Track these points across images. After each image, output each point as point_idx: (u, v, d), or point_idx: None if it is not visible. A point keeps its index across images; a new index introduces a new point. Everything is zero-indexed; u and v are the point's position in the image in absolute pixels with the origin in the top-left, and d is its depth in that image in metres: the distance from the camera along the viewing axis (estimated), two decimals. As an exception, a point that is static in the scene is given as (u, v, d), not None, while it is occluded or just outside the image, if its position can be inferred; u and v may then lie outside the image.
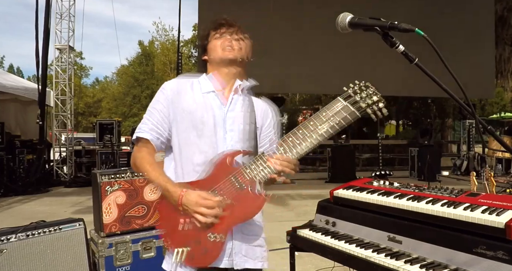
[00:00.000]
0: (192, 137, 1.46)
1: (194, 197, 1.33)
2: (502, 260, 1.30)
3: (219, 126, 1.48)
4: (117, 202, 2.86)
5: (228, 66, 1.55)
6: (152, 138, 1.49)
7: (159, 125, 1.50)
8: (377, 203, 1.83)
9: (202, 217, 1.32)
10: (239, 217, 1.38)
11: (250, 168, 1.38)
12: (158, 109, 1.51)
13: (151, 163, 1.47)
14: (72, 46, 10.63)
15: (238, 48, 1.54)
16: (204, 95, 1.52)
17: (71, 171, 10.15)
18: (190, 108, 1.48)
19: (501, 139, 1.22)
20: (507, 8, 14.77)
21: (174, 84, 1.55)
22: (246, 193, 1.37)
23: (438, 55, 1.10)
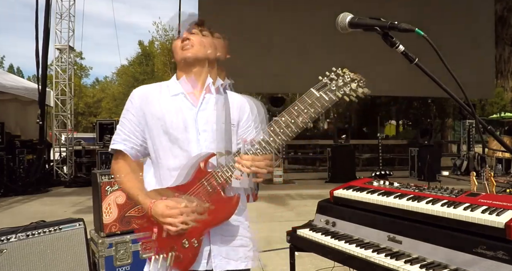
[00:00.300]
0: (165, 142, 1.45)
1: (160, 209, 1.34)
2: (502, 260, 1.30)
3: (190, 128, 1.45)
4: (117, 202, 2.86)
5: (194, 65, 1.51)
6: (126, 148, 1.49)
7: (131, 134, 1.50)
8: (377, 203, 1.83)
9: (170, 227, 1.33)
10: (212, 221, 1.38)
11: (222, 170, 1.36)
12: (128, 119, 1.50)
13: (126, 173, 1.49)
14: (72, 46, 10.63)
15: (198, 45, 1.49)
16: (173, 98, 1.50)
17: (71, 171, 10.16)
18: (159, 114, 1.46)
19: (501, 139, 1.22)
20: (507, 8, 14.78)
21: (142, 90, 1.54)
22: (218, 196, 1.37)
23: (438, 55, 1.10)
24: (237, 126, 1.55)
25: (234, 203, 1.38)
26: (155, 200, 1.38)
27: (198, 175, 1.39)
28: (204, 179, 1.38)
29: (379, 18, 1.18)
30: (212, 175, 1.38)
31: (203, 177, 1.38)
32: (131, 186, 1.47)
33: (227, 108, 1.52)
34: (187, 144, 1.44)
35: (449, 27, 10.05)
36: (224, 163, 1.38)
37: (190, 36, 1.51)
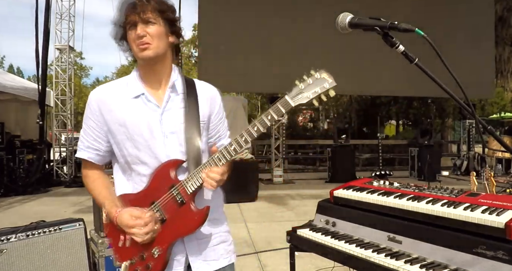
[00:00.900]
0: (130, 149, 1.37)
1: (125, 218, 1.31)
2: (502, 260, 1.30)
3: (156, 132, 1.35)
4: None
5: (155, 63, 1.37)
6: (91, 156, 1.44)
7: (94, 141, 1.42)
8: (377, 203, 1.83)
9: (134, 237, 1.31)
10: (180, 231, 1.34)
11: (192, 180, 1.31)
12: (88, 125, 1.42)
13: (93, 180, 1.46)
14: (72, 46, 10.64)
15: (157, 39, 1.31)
16: (134, 100, 1.37)
17: (71, 171, 10.16)
18: (120, 120, 1.36)
19: (501, 139, 1.22)
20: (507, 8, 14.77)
21: (99, 94, 1.41)
22: (187, 208, 1.32)
23: (438, 55, 1.10)
24: (208, 121, 1.45)
25: (203, 215, 1.32)
26: (120, 209, 1.34)
27: (167, 184, 1.34)
28: (174, 189, 1.33)
29: (379, 18, 1.18)
30: (182, 185, 1.32)
31: (173, 186, 1.33)
32: (97, 194, 1.43)
33: (195, 105, 1.40)
34: (153, 149, 1.35)
35: (449, 27, 10.04)
36: (194, 172, 1.31)
37: (146, 29, 1.30)
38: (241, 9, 9.51)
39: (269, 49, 9.53)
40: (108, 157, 1.48)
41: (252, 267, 3.68)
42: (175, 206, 1.33)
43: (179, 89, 1.42)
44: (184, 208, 1.32)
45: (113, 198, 1.40)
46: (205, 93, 1.46)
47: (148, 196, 1.36)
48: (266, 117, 1.23)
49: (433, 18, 9.84)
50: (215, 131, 1.50)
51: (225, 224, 1.52)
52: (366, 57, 9.34)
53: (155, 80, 1.40)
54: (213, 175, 1.28)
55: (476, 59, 10.58)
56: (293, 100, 1.23)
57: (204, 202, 1.37)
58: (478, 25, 10.87)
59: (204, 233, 1.41)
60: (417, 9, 9.99)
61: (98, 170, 1.48)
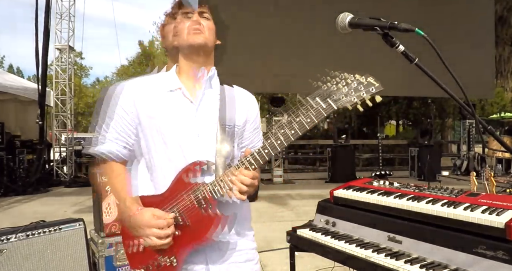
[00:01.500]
0: (159, 144, 1.30)
1: (146, 217, 1.21)
2: (502, 260, 1.30)
3: (188, 129, 1.29)
4: (117, 202, 2.85)
5: (199, 54, 1.33)
6: (119, 148, 1.34)
7: (123, 133, 1.33)
8: (377, 203, 1.83)
9: (154, 239, 1.20)
10: (195, 239, 1.23)
11: (219, 184, 1.22)
12: (119, 116, 1.33)
13: (117, 175, 1.34)
14: (72, 46, 10.64)
15: (208, 31, 1.33)
16: (170, 93, 1.32)
17: (71, 171, 10.16)
18: (153, 112, 1.30)
19: (501, 139, 1.22)
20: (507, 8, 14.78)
21: (134, 84, 1.36)
22: (207, 213, 1.23)
23: (438, 55, 1.10)
24: (242, 127, 1.39)
25: (228, 221, 1.24)
26: (141, 208, 1.25)
27: (189, 186, 1.25)
28: (198, 192, 1.24)
29: (379, 18, 1.18)
30: (208, 189, 1.23)
31: (194, 188, 1.25)
32: (120, 189, 1.32)
33: (232, 106, 1.35)
34: (184, 147, 1.28)
35: (449, 27, 10.04)
36: (220, 176, 1.23)
37: (200, 19, 1.32)
38: (241, 9, 9.51)
39: (269, 49, 9.53)
40: (133, 154, 1.38)
41: (252, 267, 3.66)
42: (194, 211, 1.24)
43: (215, 88, 1.37)
44: (203, 213, 1.23)
45: (134, 197, 1.31)
46: (243, 99, 1.41)
47: (170, 198, 1.27)
48: (306, 120, 1.17)
49: (433, 18, 9.83)
50: (249, 140, 1.43)
51: (251, 240, 1.40)
52: (366, 57, 9.34)
53: (193, 76, 1.36)
54: (244, 178, 1.19)
55: (476, 59, 10.58)
56: (336, 103, 1.16)
57: (229, 210, 1.27)
58: (478, 25, 10.88)
59: (229, 244, 1.31)
60: (417, 9, 10.00)
61: (122, 165, 1.37)
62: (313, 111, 1.17)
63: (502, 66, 15.81)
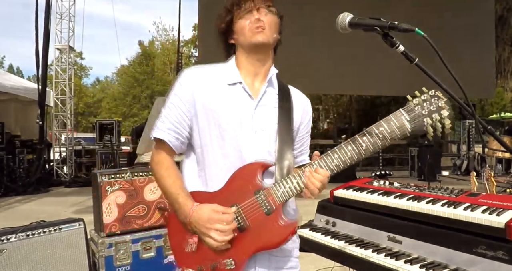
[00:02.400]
0: (215, 137, 1.25)
1: (206, 213, 1.14)
2: (502, 260, 1.30)
3: (246, 125, 1.25)
4: (117, 202, 2.86)
5: (261, 52, 1.30)
6: (170, 139, 1.27)
7: (178, 123, 1.27)
8: (377, 203, 1.83)
9: (216, 235, 1.13)
10: (262, 244, 1.17)
11: (285, 187, 1.17)
12: (175, 105, 1.27)
13: (168, 167, 1.27)
14: (72, 46, 10.64)
15: (269, 27, 1.27)
16: (230, 87, 1.28)
17: (71, 171, 10.16)
18: (212, 103, 1.25)
19: (501, 139, 1.22)
20: (507, 8, 14.78)
21: (195, 73, 1.31)
22: (276, 219, 1.17)
23: (438, 55, 1.10)
24: (297, 130, 1.35)
25: (292, 228, 1.17)
26: (198, 204, 1.17)
27: (253, 187, 1.18)
28: (260, 194, 1.18)
29: (379, 18, 1.18)
30: (271, 191, 1.17)
31: (259, 191, 1.18)
32: (171, 183, 1.23)
33: (291, 107, 1.31)
34: (240, 143, 1.23)
35: (449, 27, 10.05)
36: (289, 179, 1.18)
37: (261, 16, 1.26)
38: (241, 9, 9.51)
39: (269, 49, 9.52)
40: (184, 147, 1.31)
41: None
42: (261, 214, 1.17)
43: (275, 85, 1.34)
44: (272, 217, 1.17)
45: (188, 192, 1.23)
46: (299, 101, 1.38)
47: (227, 197, 1.20)
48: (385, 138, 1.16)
49: (433, 18, 9.84)
50: (300, 143, 1.38)
51: (297, 249, 1.37)
52: (366, 57, 9.34)
53: (252, 72, 1.31)
54: (319, 176, 1.14)
55: (476, 59, 10.59)
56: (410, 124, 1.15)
57: (290, 215, 1.23)
58: (478, 25, 10.88)
59: (280, 250, 1.24)
60: (417, 9, 10.00)
61: (172, 158, 1.30)
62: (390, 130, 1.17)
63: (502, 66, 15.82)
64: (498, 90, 18.12)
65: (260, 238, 1.17)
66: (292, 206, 1.30)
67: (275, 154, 1.24)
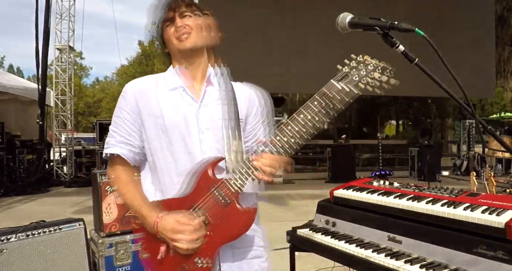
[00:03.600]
0: (164, 143, 1.28)
1: (170, 224, 1.18)
2: (502, 260, 1.30)
3: (192, 126, 1.28)
4: (117, 202, 2.86)
5: (192, 56, 1.32)
6: (123, 152, 1.31)
7: (127, 135, 1.32)
8: (377, 203, 1.83)
9: (181, 245, 1.18)
10: (226, 236, 1.22)
11: (235, 177, 1.20)
12: (122, 118, 1.33)
13: (126, 183, 1.32)
14: (72, 46, 10.63)
15: (195, 31, 1.30)
16: (171, 92, 1.32)
17: (71, 171, 10.15)
18: (156, 111, 1.29)
19: (501, 139, 1.22)
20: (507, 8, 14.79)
21: (136, 84, 1.36)
22: (234, 209, 1.21)
23: (438, 55, 1.10)
24: (245, 121, 1.37)
25: (251, 215, 1.22)
26: (162, 214, 1.21)
27: (207, 184, 1.22)
28: (214, 189, 1.22)
29: (379, 18, 1.18)
30: (224, 183, 1.21)
31: (213, 186, 1.22)
32: (132, 198, 1.30)
33: (234, 101, 1.34)
34: (189, 145, 1.27)
35: (449, 27, 10.05)
36: (237, 168, 1.22)
37: (184, 21, 1.30)
38: (241, 9, 9.51)
39: (269, 49, 9.53)
40: (140, 158, 1.36)
41: (252, 267, 3.67)
42: (219, 208, 1.21)
43: (215, 84, 1.36)
44: (229, 209, 1.21)
45: (150, 203, 1.28)
46: (243, 93, 1.40)
47: (186, 200, 1.24)
48: (312, 103, 1.17)
49: (433, 18, 9.84)
50: (252, 134, 1.40)
51: (261, 238, 1.40)
52: (366, 57, 9.34)
53: (190, 75, 1.35)
54: (265, 160, 1.16)
55: (476, 59, 10.60)
56: (338, 83, 1.18)
57: (249, 202, 1.27)
58: (478, 25, 10.88)
59: (241, 241, 1.28)
60: (417, 9, 10.00)
61: (130, 172, 1.35)
62: (317, 94, 1.18)
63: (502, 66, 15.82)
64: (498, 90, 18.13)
65: (223, 231, 1.21)
66: (250, 194, 1.32)
67: (225, 149, 1.28)
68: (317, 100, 1.18)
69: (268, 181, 1.20)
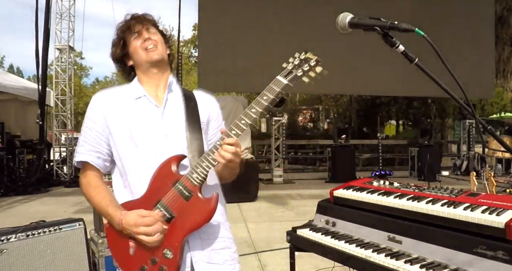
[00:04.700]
0: (130, 148, 1.37)
1: (132, 218, 1.26)
2: (502, 260, 1.30)
3: (157, 131, 1.38)
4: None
5: (158, 66, 1.45)
6: (92, 159, 1.41)
7: (96, 143, 1.41)
8: (377, 203, 1.83)
9: (145, 237, 1.25)
10: (190, 226, 1.29)
11: (196, 171, 1.29)
12: (90, 128, 1.42)
13: (96, 186, 1.40)
14: (72, 46, 10.64)
15: (161, 44, 1.46)
16: (136, 101, 1.43)
17: (71, 171, 10.15)
18: (122, 118, 1.39)
19: (501, 139, 1.22)
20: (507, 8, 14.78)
21: (102, 95, 1.47)
22: (196, 200, 1.29)
23: (438, 55, 1.10)
24: (206, 125, 1.49)
25: (214, 203, 1.29)
26: (125, 212, 1.30)
27: (171, 180, 1.31)
28: (178, 184, 1.30)
29: (379, 18, 1.18)
30: (187, 178, 1.30)
31: (177, 181, 1.30)
32: (100, 199, 1.36)
33: (194, 106, 1.46)
34: (153, 148, 1.36)
35: (449, 27, 10.04)
36: (198, 162, 1.30)
37: (150, 35, 1.44)
38: (241, 9, 9.51)
39: (269, 49, 9.52)
40: (109, 165, 1.45)
41: (252, 267, 3.68)
42: (182, 201, 1.29)
43: (176, 91, 1.49)
44: (192, 200, 1.29)
45: (117, 203, 1.36)
46: (203, 100, 1.52)
47: (151, 198, 1.32)
48: (262, 97, 1.30)
49: (433, 18, 9.84)
50: (216, 135, 1.49)
51: (229, 231, 1.48)
52: (366, 57, 9.34)
53: (154, 85, 1.47)
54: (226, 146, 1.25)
55: (476, 59, 10.58)
56: (285, 78, 1.31)
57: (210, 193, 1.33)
58: (478, 25, 10.87)
59: (208, 232, 1.38)
60: (417, 9, 9.99)
61: (99, 178, 1.44)
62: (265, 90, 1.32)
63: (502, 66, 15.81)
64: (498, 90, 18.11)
65: (187, 222, 1.29)
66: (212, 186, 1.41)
67: (187, 149, 1.37)
68: (265, 95, 1.30)
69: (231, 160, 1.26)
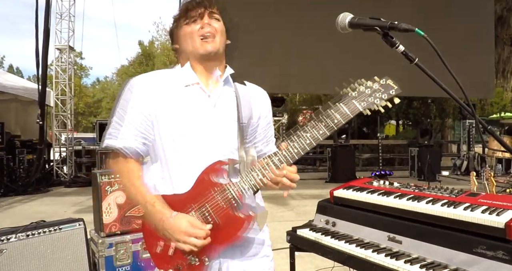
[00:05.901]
0: (177, 139, 1.26)
1: (184, 225, 1.17)
2: (502, 260, 1.30)
3: (206, 124, 1.27)
4: (117, 202, 2.86)
5: (213, 59, 1.33)
6: (138, 145, 1.28)
7: (143, 128, 1.27)
8: (377, 203, 1.83)
9: (187, 247, 1.17)
10: (228, 238, 1.22)
11: (249, 182, 1.21)
12: (136, 109, 1.27)
13: (139, 177, 1.28)
14: (72, 46, 10.63)
15: (220, 35, 1.31)
16: (187, 88, 1.30)
17: (71, 171, 10.15)
18: (171, 106, 1.27)
19: (501, 139, 1.22)
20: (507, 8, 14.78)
21: (147, 78, 1.32)
22: (236, 212, 1.22)
23: (438, 55, 1.10)
24: (257, 122, 1.39)
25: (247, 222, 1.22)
26: (176, 213, 1.20)
27: (221, 184, 1.22)
28: (228, 192, 1.21)
29: (379, 18, 1.18)
30: (238, 187, 1.21)
31: (219, 187, 1.22)
32: (145, 191, 1.25)
33: (248, 102, 1.34)
34: (201, 142, 1.26)
35: (449, 27, 10.04)
36: (252, 175, 1.21)
37: (211, 22, 1.30)
38: (241, 9, 9.51)
39: (269, 49, 9.52)
40: (147, 151, 1.32)
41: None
42: (228, 211, 1.21)
43: (231, 84, 1.37)
44: (239, 213, 1.22)
45: (162, 199, 1.25)
46: (257, 95, 1.42)
47: (196, 197, 1.23)
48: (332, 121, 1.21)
49: (433, 18, 9.84)
50: (263, 135, 1.42)
51: (267, 237, 1.42)
52: (366, 57, 9.34)
53: (208, 74, 1.34)
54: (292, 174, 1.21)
55: (476, 59, 10.58)
56: (360, 104, 1.21)
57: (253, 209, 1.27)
58: (478, 25, 10.87)
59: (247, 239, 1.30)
60: (417, 9, 10.00)
61: (140, 165, 1.31)
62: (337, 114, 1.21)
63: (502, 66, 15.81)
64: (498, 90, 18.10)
65: (229, 233, 1.22)
66: (257, 200, 1.34)
67: (237, 151, 1.28)
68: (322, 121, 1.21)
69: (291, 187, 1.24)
